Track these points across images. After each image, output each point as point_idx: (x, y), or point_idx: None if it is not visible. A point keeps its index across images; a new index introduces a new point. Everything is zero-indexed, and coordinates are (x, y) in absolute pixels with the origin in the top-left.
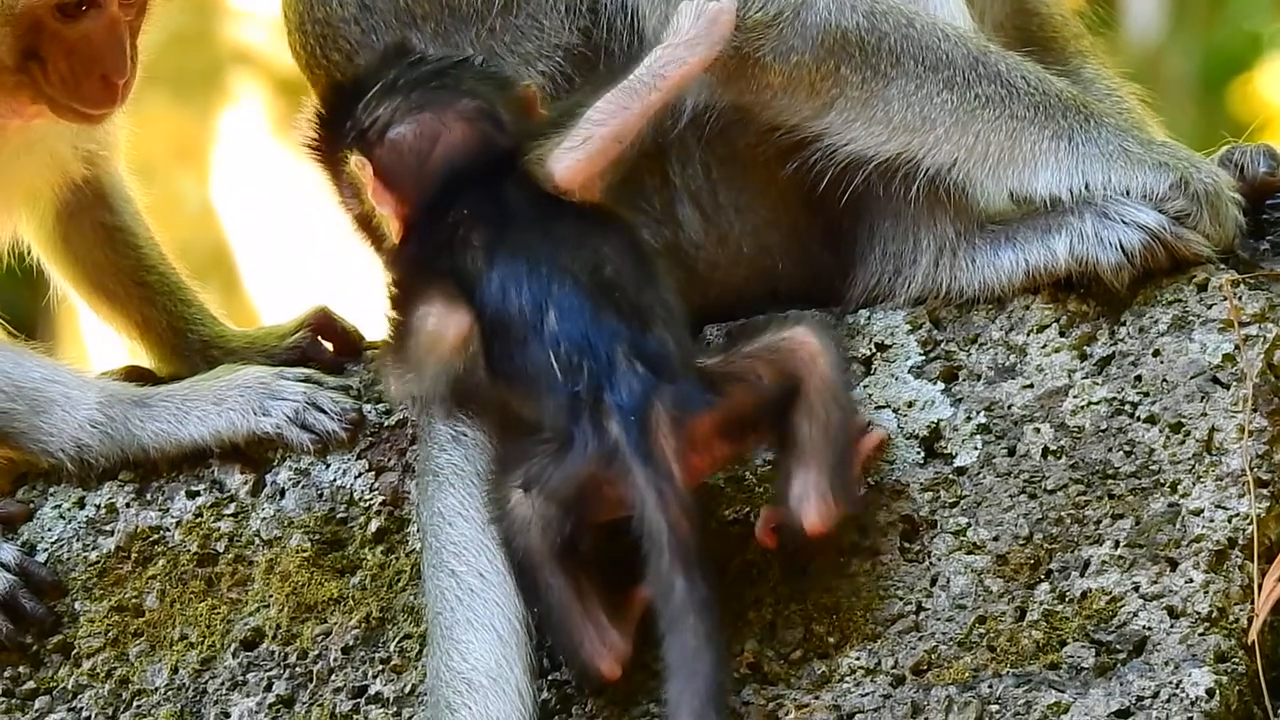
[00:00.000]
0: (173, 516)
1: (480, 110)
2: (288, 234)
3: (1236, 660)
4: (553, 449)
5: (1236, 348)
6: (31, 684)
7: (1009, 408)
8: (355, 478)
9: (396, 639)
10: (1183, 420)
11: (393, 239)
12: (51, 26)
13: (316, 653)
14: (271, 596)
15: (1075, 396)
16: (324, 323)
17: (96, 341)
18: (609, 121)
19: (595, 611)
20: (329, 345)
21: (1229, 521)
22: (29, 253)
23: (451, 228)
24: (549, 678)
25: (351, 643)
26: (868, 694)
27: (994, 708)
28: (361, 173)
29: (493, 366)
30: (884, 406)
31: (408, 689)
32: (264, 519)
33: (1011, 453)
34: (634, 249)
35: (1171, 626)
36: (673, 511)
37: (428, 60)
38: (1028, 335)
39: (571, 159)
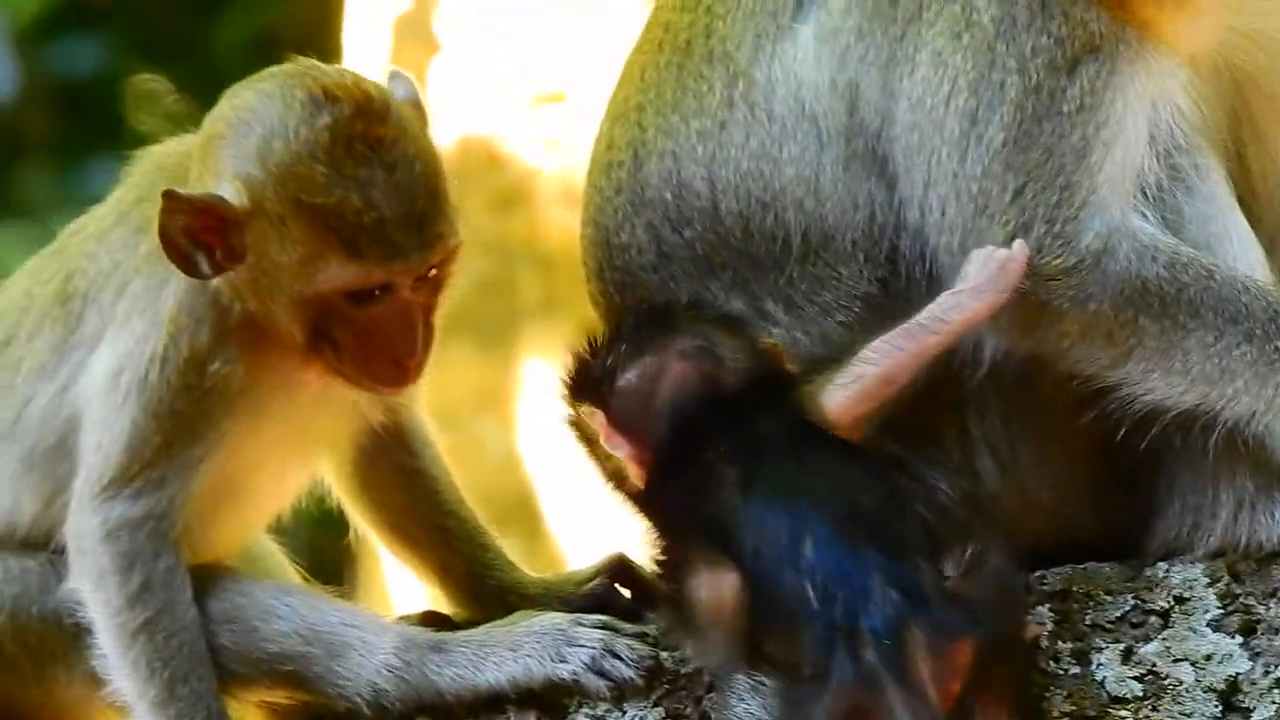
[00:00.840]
0: None
1: (699, 349)
2: (590, 481)
3: None
4: (813, 682)
5: None
6: None
7: None
8: None
9: None
10: None
11: (636, 484)
12: (342, 310)
13: None
14: None
15: None
16: (621, 570)
17: (398, 583)
18: (882, 362)
19: None
20: (626, 592)
21: None
22: (329, 494)
23: (702, 469)
24: None
25: None
26: None
27: None
28: (592, 421)
29: (757, 607)
30: (1181, 660)
31: None
32: None
33: None
34: (887, 482)
35: None
36: None
37: (651, 307)
38: None
39: (842, 396)
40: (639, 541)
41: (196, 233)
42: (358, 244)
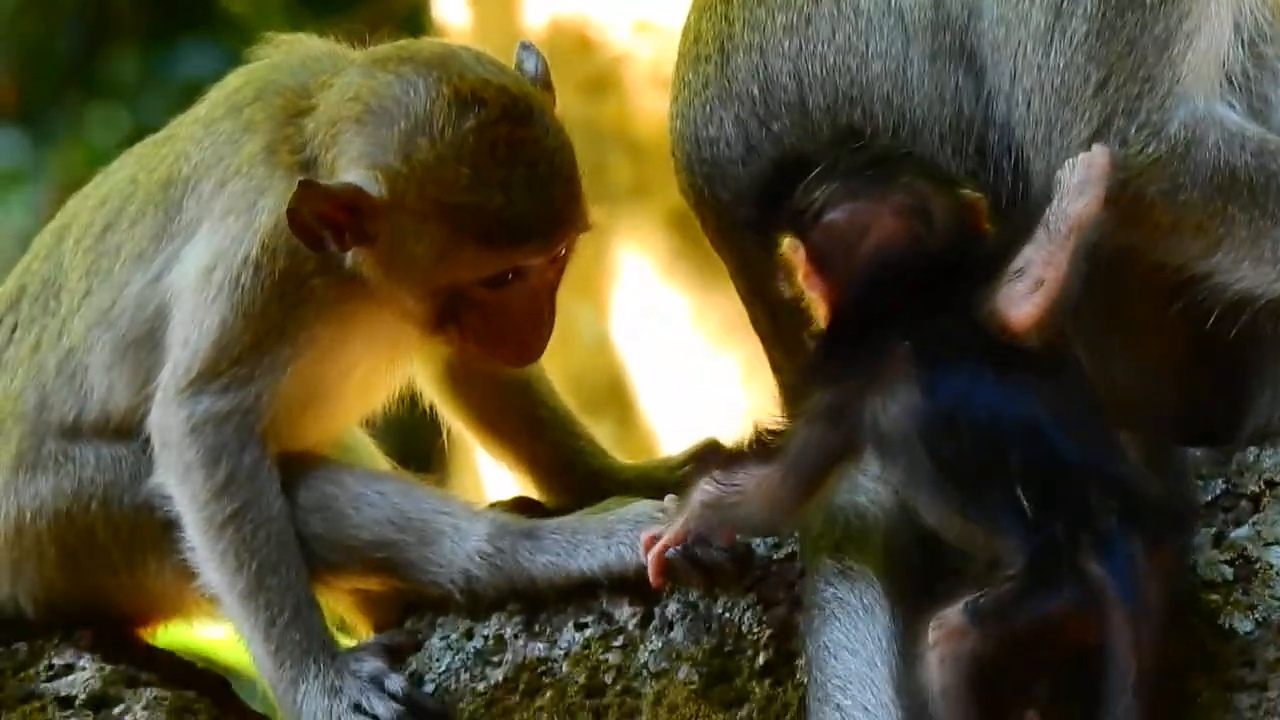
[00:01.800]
0: (561, 648)
1: (913, 208)
2: (683, 366)
3: None
4: (1017, 585)
5: None
6: None
7: None
8: (744, 611)
9: None
10: None
11: (820, 324)
12: (472, 294)
13: None
14: None
15: None
16: (714, 455)
17: (491, 476)
18: (1054, 262)
19: None
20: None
21: None
22: (420, 396)
23: (883, 350)
24: None
25: None
26: None
27: None
28: (795, 255)
29: (948, 507)
30: (1273, 543)
31: None
32: (652, 651)
33: None
34: (1084, 383)
35: None
36: (1146, 655)
37: (872, 147)
38: None
39: (1030, 305)
40: (728, 428)
41: (328, 215)
42: (496, 237)
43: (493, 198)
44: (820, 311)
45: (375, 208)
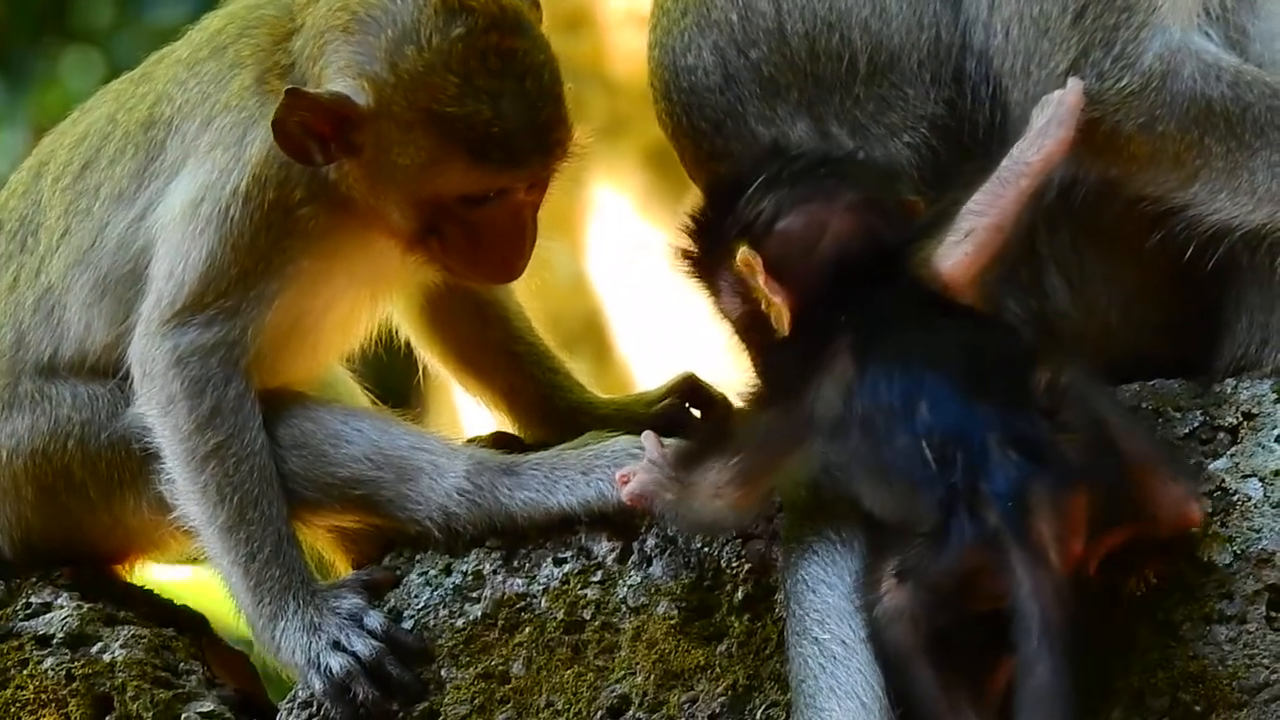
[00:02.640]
0: (539, 584)
1: (867, 202)
2: (659, 302)
3: None
4: (929, 540)
5: None
6: None
7: None
8: (722, 546)
9: (763, 706)
10: None
11: (783, 331)
12: (455, 210)
13: None
14: (638, 664)
15: None
16: (692, 390)
17: (468, 412)
18: (988, 212)
19: (961, 703)
20: (696, 412)
21: None
22: (396, 333)
23: (824, 334)
24: None
25: (718, 710)
26: None
27: None
28: (753, 263)
29: (869, 467)
30: (1250, 475)
31: None
32: (631, 586)
33: None
34: (1004, 340)
35: None
36: (1047, 597)
37: (811, 154)
38: None
39: (960, 253)
40: (704, 362)
41: (314, 125)
42: (484, 152)
43: (481, 110)
44: (784, 318)
45: (361, 117)
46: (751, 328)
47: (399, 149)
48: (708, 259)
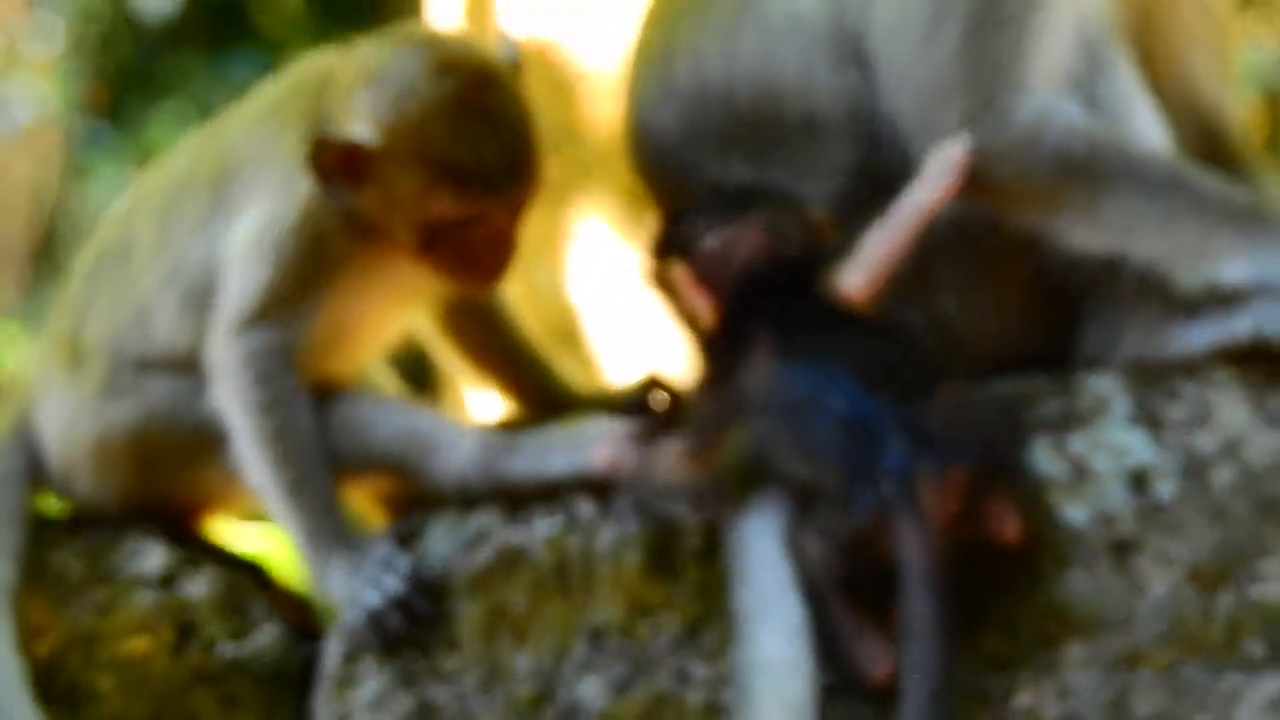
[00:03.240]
0: (535, 536)
1: (772, 225)
2: (630, 314)
3: None
4: (839, 505)
5: None
6: (421, 669)
7: (1201, 452)
8: (680, 506)
9: (713, 634)
10: None
11: (709, 325)
12: (447, 230)
13: (648, 644)
14: (613, 600)
15: (1253, 443)
16: (656, 384)
17: (477, 400)
18: (881, 243)
19: (868, 629)
20: (660, 402)
21: None
22: (417, 338)
23: (749, 330)
24: (833, 660)
25: (677, 637)
26: (1086, 678)
27: (1186, 689)
28: (680, 274)
29: (787, 445)
30: (1101, 449)
31: (721, 674)
32: (607, 538)
33: (1202, 488)
34: (899, 342)
35: None
36: (927, 552)
37: (735, 187)
38: (1216, 394)
39: (856, 276)
40: (668, 364)
41: (337, 163)
42: (466, 185)
43: (465, 151)
44: (708, 315)
45: (373, 156)
46: (691, 326)
47: (401, 181)
48: (658, 273)
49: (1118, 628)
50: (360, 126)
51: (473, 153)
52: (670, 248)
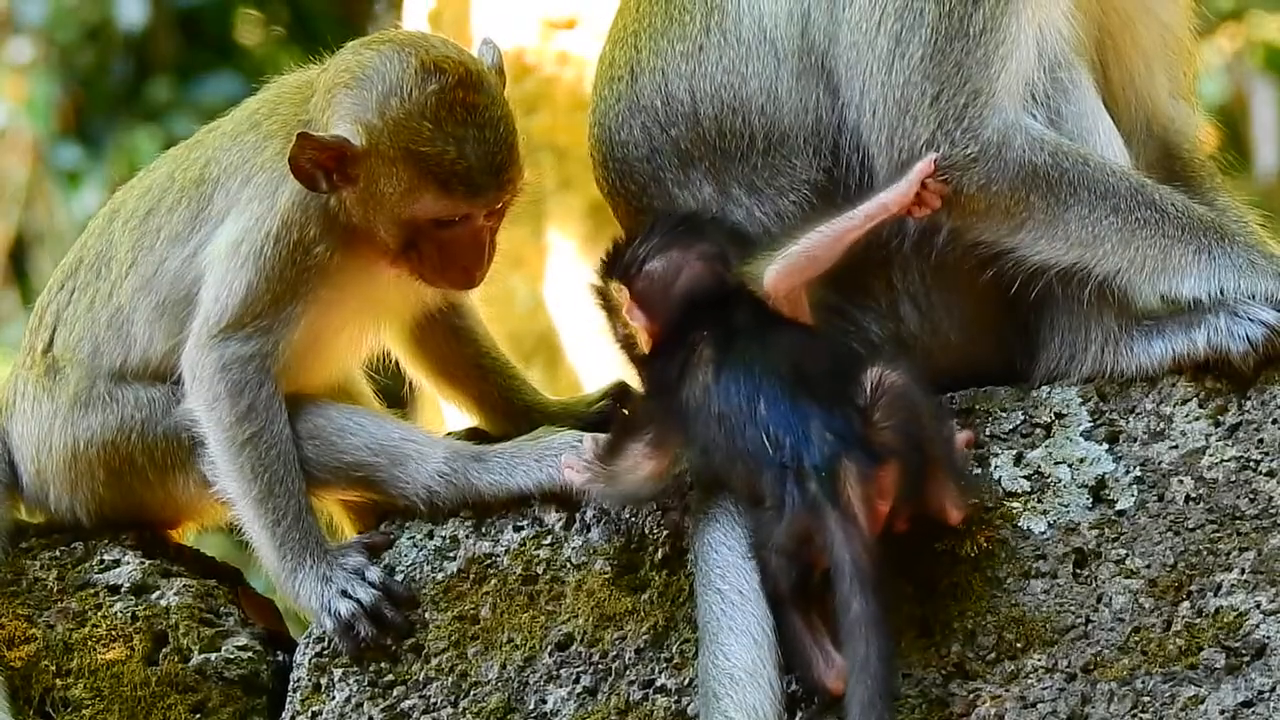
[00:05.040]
0: (503, 546)
1: (714, 253)
2: (599, 325)
3: None
4: (774, 512)
5: None
6: (391, 677)
7: (1159, 464)
8: (646, 516)
9: (678, 643)
10: None
11: (643, 349)
12: (429, 231)
13: (615, 653)
14: (580, 609)
15: (1211, 455)
16: (622, 393)
17: (447, 412)
18: (809, 241)
19: (823, 639)
20: (626, 412)
21: None
22: (388, 354)
23: (689, 346)
24: (795, 674)
25: (642, 645)
26: (1047, 687)
27: (1146, 698)
28: (620, 296)
29: (727, 454)
30: (1061, 462)
31: (686, 682)
32: (574, 548)
33: (1161, 499)
34: (826, 351)
35: None
36: (854, 546)
37: (678, 215)
38: (1174, 407)
39: (772, 270)
40: (633, 373)
41: (320, 160)
42: (449, 185)
43: (449, 150)
44: (643, 338)
45: (356, 154)
46: (628, 347)
47: (385, 180)
48: (603, 294)
49: (1078, 637)
50: (344, 125)
51: (457, 152)
52: (613, 271)
